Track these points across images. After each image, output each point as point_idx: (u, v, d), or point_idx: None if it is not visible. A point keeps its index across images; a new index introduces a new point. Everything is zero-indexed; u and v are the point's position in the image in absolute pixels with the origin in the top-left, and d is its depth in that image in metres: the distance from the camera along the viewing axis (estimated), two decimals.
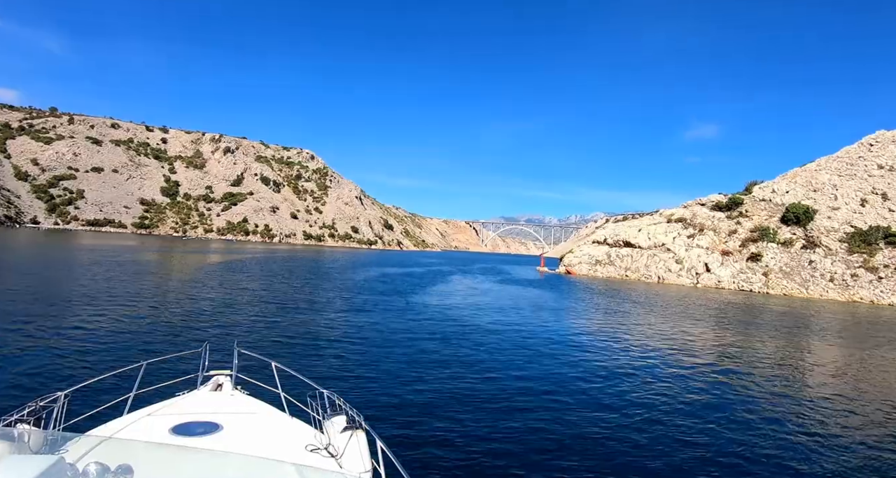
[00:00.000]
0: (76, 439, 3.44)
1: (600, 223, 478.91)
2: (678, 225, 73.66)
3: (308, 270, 49.27)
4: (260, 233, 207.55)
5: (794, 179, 76.73)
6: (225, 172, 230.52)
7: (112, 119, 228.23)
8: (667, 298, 44.74)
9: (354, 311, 23.01)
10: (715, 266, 65.18)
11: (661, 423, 10.25)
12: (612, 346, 18.94)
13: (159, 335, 15.12)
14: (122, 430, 4.21)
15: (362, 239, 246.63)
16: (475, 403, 10.73)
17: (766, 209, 73.06)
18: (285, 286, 32.77)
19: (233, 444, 3.99)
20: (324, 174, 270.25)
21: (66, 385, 4.74)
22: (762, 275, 62.15)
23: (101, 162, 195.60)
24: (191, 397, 5.16)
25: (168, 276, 36.33)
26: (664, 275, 67.52)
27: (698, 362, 17.02)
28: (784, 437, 9.89)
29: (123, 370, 6.16)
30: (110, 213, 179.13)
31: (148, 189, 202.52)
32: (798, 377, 15.99)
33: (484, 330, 20.54)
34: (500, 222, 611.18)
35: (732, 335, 24.24)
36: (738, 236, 68.98)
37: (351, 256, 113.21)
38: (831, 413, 11.84)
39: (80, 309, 18.44)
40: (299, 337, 16.42)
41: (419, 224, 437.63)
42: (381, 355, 14.52)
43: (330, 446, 4.13)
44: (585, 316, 28.69)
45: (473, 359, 14.99)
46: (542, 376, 13.61)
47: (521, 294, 40.03)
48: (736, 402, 12.22)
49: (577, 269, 75.32)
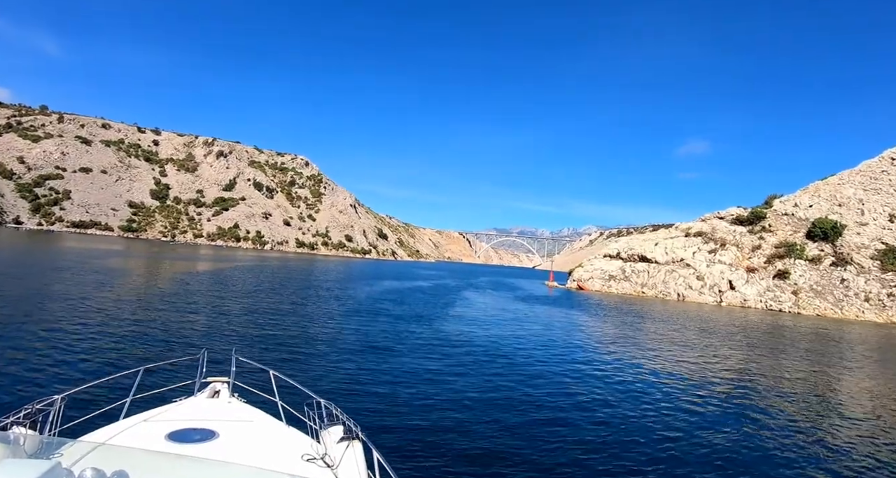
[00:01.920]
0: (72, 443, 3.41)
1: (594, 236, 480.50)
2: (698, 239, 69.66)
3: (305, 285, 44.47)
4: (251, 240, 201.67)
5: (818, 193, 73.10)
6: (217, 177, 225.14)
7: (103, 119, 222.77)
8: (712, 320, 40.62)
9: (376, 349, 16.98)
10: (739, 284, 61.13)
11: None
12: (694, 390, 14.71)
13: (157, 342, 14.71)
14: (117, 435, 4.05)
15: (356, 248, 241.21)
16: (477, 414, 10.39)
17: (789, 224, 69.30)
18: (280, 306, 27.99)
19: (229, 452, 3.85)
20: (318, 181, 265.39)
21: (63, 389, 4.60)
22: (791, 294, 58.17)
23: (89, 162, 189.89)
24: (187, 404, 4.99)
25: (139, 283, 31.79)
26: (684, 292, 63.38)
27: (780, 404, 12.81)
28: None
29: (120, 375, 6.05)
30: (97, 214, 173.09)
31: (137, 191, 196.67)
32: (849, 416, 13.08)
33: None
34: (492, 234, 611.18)
35: (806, 369, 20.02)
36: (762, 252, 65.09)
37: (346, 266, 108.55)
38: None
39: (77, 312, 17.90)
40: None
41: (412, 234, 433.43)
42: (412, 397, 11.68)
43: (326, 457, 3.98)
44: (628, 342, 24.46)
45: (485, 381, 13.59)
46: (560, 397, 12.49)
47: (549, 315, 35.82)
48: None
49: (590, 284, 71.03)
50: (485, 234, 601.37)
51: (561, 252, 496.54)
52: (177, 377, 6.37)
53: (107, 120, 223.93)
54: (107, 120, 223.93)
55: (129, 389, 4.95)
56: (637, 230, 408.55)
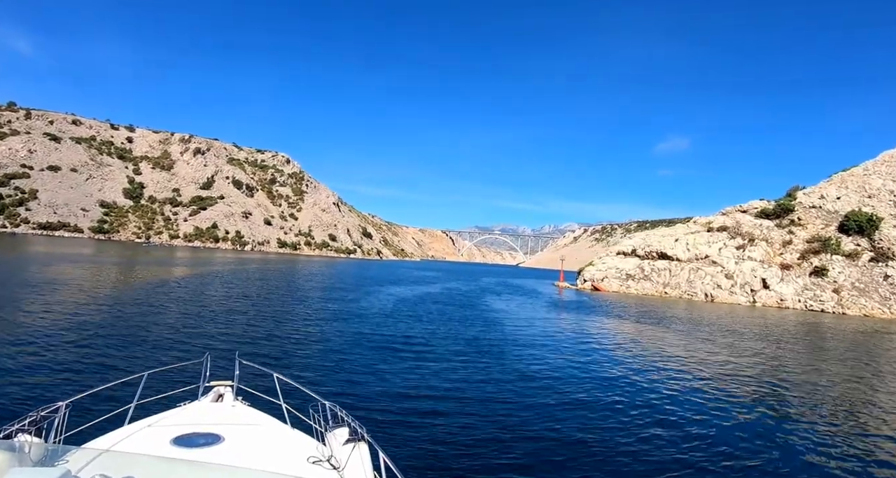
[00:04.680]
0: (77, 450, 3.39)
1: (578, 233, 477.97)
2: (722, 234, 64.50)
3: (295, 298, 37.63)
4: (231, 240, 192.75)
5: (844, 185, 68.50)
6: (194, 175, 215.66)
7: (74, 115, 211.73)
8: (767, 325, 35.20)
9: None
10: (774, 282, 56.06)
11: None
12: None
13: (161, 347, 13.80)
14: (122, 441, 3.99)
15: (340, 248, 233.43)
16: (484, 417, 9.91)
17: (819, 217, 64.51)
18: (260, 337, 21.77)
19: (234, 456, 3.79)
20: (300, 179, 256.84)
21: (67, 395, 4.39)
22: (832, 292, 53.22)
23: (58, 160, 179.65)
24: (192, 408, 4.89)
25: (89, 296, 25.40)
26: (713, 292, 58.11)
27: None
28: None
29: (124, 381, 5.79)
30: (65, 215, 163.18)
31: (109, 191, 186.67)
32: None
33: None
34: (474, 232, 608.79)
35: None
36: (794, 248, 60.11)
37: (333, 267, 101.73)
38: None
39: (74, 315, 17.31)
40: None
41: (396, 232, 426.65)
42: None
43: (332, 459, 3.92)
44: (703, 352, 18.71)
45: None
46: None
47: (591, 325, 30.17)
48: None
49: (606, 284, 65.48)
50: (467, 232, 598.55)
51: (544, 249, 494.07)
52: (181, 382, 5.91)
53: (78, 116, 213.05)
54: (78, 116, 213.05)
55: (134, 394, 4.82)
56: (622, 227, 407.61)
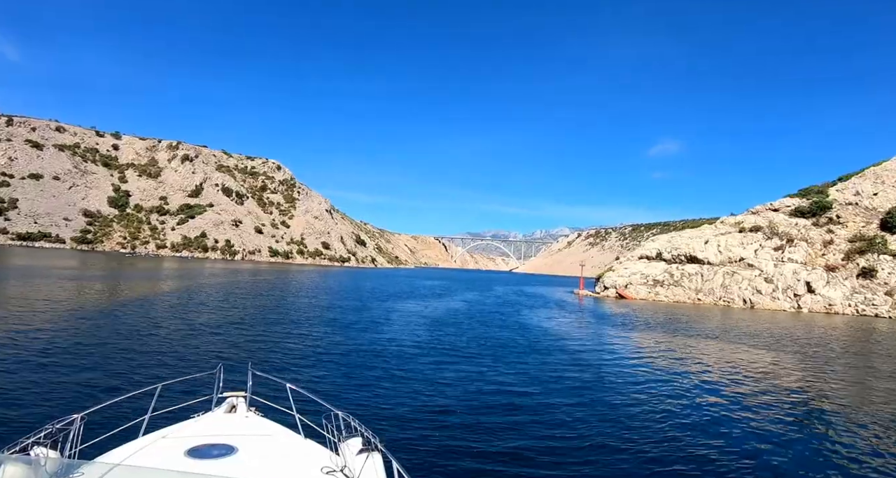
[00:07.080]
0: (93, 464, 3.37)
1: (572, 238, 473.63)
2: (757, 235, 59.92)
3: (298, 323, 32.89)
4: (220, 249, 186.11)
5: (880, 179, 64.23)
6: (182, 182, 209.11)
7: (57, 122, 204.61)
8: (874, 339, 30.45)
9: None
10: (819, 285, 51.42)
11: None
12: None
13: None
14: (137, 452, 3.99)
15: (334, 256, 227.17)
16: (500, 427, 9.62)
17: (858, 214, 60.15)
18: None
19: (249, 466, 3.79)
20: (291, 186, 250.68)
21: (82, 408, 4.43)
22: (885, 295, 48.67)
23: (40, 168, 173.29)
24: (205, 419, 4.89)
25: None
26: (752, 298, 53.38)
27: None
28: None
29: (138, 393, 5.59)
30: (46, 225, 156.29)
31: (93, 199, 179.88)
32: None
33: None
34: (466, 238, 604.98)
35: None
36: (836, 248, 55.61)
37: (325, 277, 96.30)
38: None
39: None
40: None
41: (388, 239, 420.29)
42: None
43: (346, 469, 3.91)
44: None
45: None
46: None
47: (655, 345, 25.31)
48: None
49: (632, 292, 60.60)
50: (459, 238, 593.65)
51: (538, 254, 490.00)
52: (194, 393, 5.87)
53: (62, 123, 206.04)
54: (62, 123, 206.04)
55: (147, 406, 4.82)
56: (616, 230, 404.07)
